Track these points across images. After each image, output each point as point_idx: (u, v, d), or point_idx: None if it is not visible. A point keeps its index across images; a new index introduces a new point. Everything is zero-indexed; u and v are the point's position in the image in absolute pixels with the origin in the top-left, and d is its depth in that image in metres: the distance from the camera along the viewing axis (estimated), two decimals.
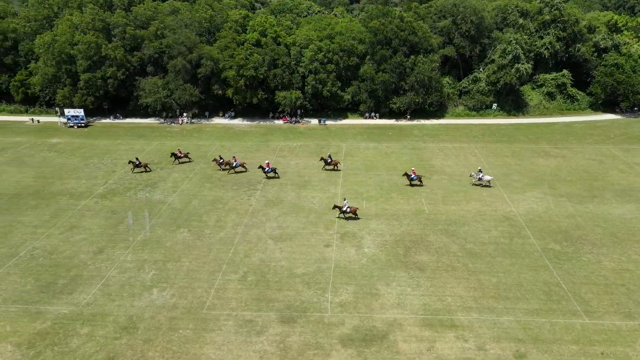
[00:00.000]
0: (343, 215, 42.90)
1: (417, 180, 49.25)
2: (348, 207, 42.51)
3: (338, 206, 42.76)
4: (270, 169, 51.35)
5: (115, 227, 41.92)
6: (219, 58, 69.26)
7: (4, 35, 75.91)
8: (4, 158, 58.30)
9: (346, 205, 42.55)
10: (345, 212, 42.43)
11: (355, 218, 42.61)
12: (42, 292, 33.33)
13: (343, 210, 42.44)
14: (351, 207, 42.57)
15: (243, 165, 53.18)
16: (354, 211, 42.35)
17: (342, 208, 42.44)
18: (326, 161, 53.42)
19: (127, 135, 66.91)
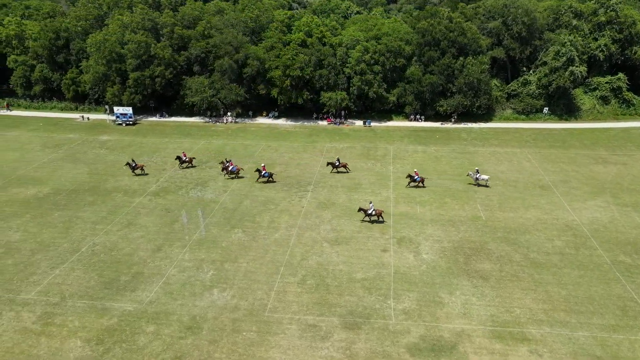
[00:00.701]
0: (368, 218, 42.47)
1: (419, 181, 48.80)
2: (373, 209, 42.14)
3: (363, 209, 42.34)
4: (267, 173, 50.54)
5: (171, 226, 42.32)
6: (264, 58, 69.42)
7: (57, 35, 77.98)
8: (59, 154, 59.88)
9: (372, 208, 42.14)
10: (371, 215, 42.03)
11: (381, 221, 42.19)
12: (106, 288, 33.82)
13: (368, 214, 42.04)
14: (377, 210, 42.25)
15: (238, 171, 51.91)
16: (379, 213, 42.04)
17: (367, 211, 42.05)
18: (334, 164, 52.81)
19: (174, 134, 67.80)
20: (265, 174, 50.47)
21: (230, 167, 51.57)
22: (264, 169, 50.62)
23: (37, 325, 30.20)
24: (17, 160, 57.56)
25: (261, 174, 50.39)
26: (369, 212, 41.90)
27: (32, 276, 35.10)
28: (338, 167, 52.56)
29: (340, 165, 52.65)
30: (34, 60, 79.75)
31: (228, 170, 51.53)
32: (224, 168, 52.25)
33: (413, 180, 48.98)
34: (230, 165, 51.67)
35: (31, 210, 45.12)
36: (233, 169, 51.58)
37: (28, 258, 37.35)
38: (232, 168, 51.57)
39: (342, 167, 52.76)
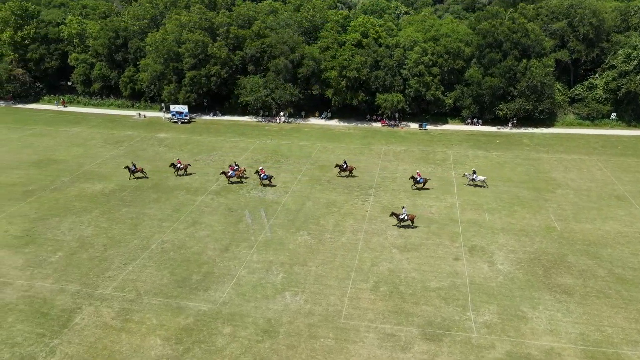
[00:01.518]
0: (400, 223, 41.64)
1: (422, 183, 48.27)
2: (406, 214, 41.32)
3: (395, 214, 41.50)
4: (265, 176, 49.48)
5: (236, 225, 42.32)
6: (320, 58, 68.98)
7: (117, 34, 79.95)
8: (120, 151, 61.21)
9: (404, 213, 41.34)
10: (403, 219, 41.26)
11: (413, 226, 41.38)
12: (179, 286, 33.99)
13: (401, 219, 41.29)
14: (409, 215, 41.42)
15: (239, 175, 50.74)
16: (412, 218, 41.29)
17: (399, 216, 41.29)
18: (341, 167, 51.63)
19: (228, 133, 68.27)
20: (264, 176, 49.48)
21: (229, 172, 50.43)
22: (262, 172, 49.57)
23: (116, 321, 30.58)
24: (82, 156, 59.17)
25: (260, 177, 49.50)
26: (402, 216, 41.30)
27: (107, 271, 35.70)
28: (345, 169, 51.66)
29: (348, 168, 51.69)
30: (94, 58, 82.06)
31: (227, 176, 50.20)
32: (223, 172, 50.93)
33: (416, 182, 48.39)
34: (230, 171, 50.57)
35: (99, 205, 46.13)
36: (232, 175, 50.37)
37: (101, 253, 38.07)
38: (230, 174, 50.39)
39: (349, 170, 51.78)
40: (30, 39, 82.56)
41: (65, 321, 30.50)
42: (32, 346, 28.41)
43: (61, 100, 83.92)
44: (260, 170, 49.98)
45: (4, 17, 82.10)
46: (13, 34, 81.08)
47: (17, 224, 42.63)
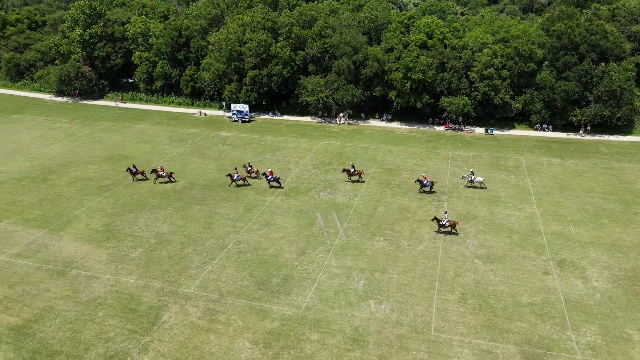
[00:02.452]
0: (441, 229, 40.54)
1: (429, 186, 47.59)
2: (448, 220, 40.03)
3: (437, 219, 40.26)
4: (272, 178, 49.00)
5: (309, 228, 41.82)
6: (384, 59, 67.79)
7: (179, 33, 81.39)
8: (185, 148, 62.05)
9: (446, 219, 40.03)
10: (444, 225, 39.98)
11: (454, 233, 40.15)
12: (260, 289, 33.72)
13: (442, 224, 40.00)
14: (451, 221, 40.17)
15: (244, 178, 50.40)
16: (453, 225, 40.09)
17: (441, 222, 40.05)
18: (349, 172, 50.30)
19: (289, 133, 68.10)
20: (271, 178, 49.06)
21: (235, 175, 49.80)
22: (270, 174, 49.14)
23: (203, 322, 30.56)
24: (150, 152, 60.32)
25: (268, 179, 49.12)
26: (443, 222, 40.13)
27: (188, 270, 35.87)
28: (353, 174, 50.47)
29: (356, 173, 50.49)
30: (156, 56, 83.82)
31: (233, 179, 49.67)
32: (248, 171, 51.15)
33: (423, 185, 47.69)
34: (236, 174, 49.94)
35: (172, 202, 46.67)
36: (237, 178, 49.74)
37: (180, 251, 38.36)
38: (236, 177, 49.76)
39: (357, 175, 50.57)
40: (97, 37, 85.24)
41: (154, 318, 30.75)
42: (125, 342, 28.72)
43: (119, 97, 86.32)
44: (269, 172, 49.69)
45: (74, 15, 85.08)
46: (82, 32, 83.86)
47: (97, 218, 43.68)
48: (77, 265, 36.44)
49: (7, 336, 29.23)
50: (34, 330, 29.69)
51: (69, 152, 60.28)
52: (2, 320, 30.59)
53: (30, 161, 57.49)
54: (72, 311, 31.39)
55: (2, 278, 34.86)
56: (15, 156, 59.10)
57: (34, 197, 47.82)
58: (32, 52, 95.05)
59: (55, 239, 40.06)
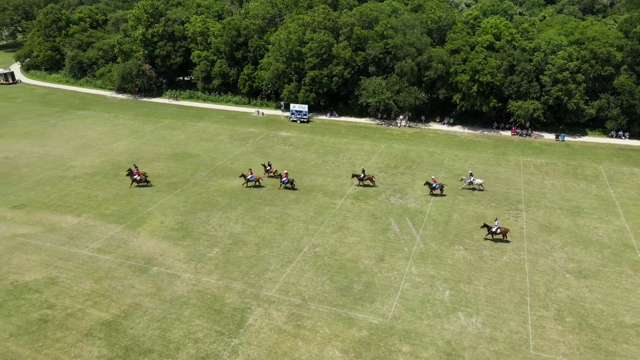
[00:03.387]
0: (491, 236, 39.41)
1: (438, 189, 47.03)
2: (499, 227, 38.40)
3: (487, 226, 38.72)
4: (287, 180, 48.67)
5: (384, 233, 40.79)
6: (449, 61, 65.95)
7: (238, 32, 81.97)
8: (247, 148, 62.17)
9: (497, 226, 38.41)
10: (495, 232, 38.43)
11: (505, 240, 38.63)
12: (342, 295, 32.96)
13: (492, 231, 38.48)
14: (502, 228, 38.56)
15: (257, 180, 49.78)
16: (504, 232, 38.48)
17: (491, 228, 38.50)
18: (359, 177, 49.01)
19: (350, 135, 67.21)
20: (286, 180, 48.83)
21: (249, 176, 49.49)
22: (285, 176, 49.09)
23: (288, 326, 30.05)
24: (213, 151, 60.74)
25: (282, 181, 49.13)
26: (494, 229, 38.58)
27: (266, 272, 35.51)
28: (364, 179, 49.32)
29: (367, 177, 49.28)
30: (214, 55, 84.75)
31: (247, 179, 49.37)
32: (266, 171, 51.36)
33: (432, 188, 46.99)
34: (250, 175, 49.60)
35: (242, 202, 46.60)
36: (251, 179, 49.40)
37: (256, 252, 38.09)
38: (250, 177, 49.44)
39: (368, 179, 49.43)
40: (158, 36, 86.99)
41: (239, 321, 30.47)
42: (214, 344, 28.52)
43: (174, 95, 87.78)
44: (285, 174, 49.28)
45: (137, 15, 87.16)
46: (144, 31, 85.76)
47: (170, 215, 44.08)
48: (157, 262, 36.73)
49: (99, 331, 29.59)
50: (124, 327, 29.94)
51: (135, 149, 61.47)
52: (92, 315, 31.05)
53: (100, 157, 58.94)
54: (158, 309, 31.53)
55: (88, 272, 35.52)
56: (86, 151, 60.75)
57: (107, 193, 48.84)
58: (94, 50, 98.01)
59: (133, 235, 40.61)
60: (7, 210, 45.18)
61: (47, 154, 59.72)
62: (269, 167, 52.17)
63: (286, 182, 49.07)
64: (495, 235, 39.36)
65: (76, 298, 32.62)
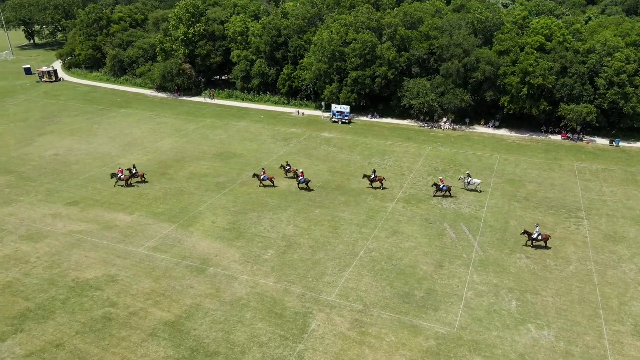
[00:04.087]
0: (531, 243, 38.49)
1: (446, 190, 46.86)
2: (539, 233, 37.39)
3: (528, 232, 37.80)
4: (303, 179, 48.64)
5: (440, 239, 39.77)
6: (498, 62, 64.26)
7: (279, 32, 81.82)
8: (291, 148, 61.80)
9: (537, 232, 37.45)
10: (536, 239, 37.44)
11: (545, 247, 37.68)
12: (404, 302, 32.17)
13: (533, 237, 37.48)
14: (543, 234, 37.56)
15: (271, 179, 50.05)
16: (545, 239, 37.49)
17: (531, 235, 37.59)
18: (370, 178, 48.80)
19: (393, 136, 66.17)
20: (302, 179, 48.77)
21: (262, 175, 49.86)
22: (301, 175, 49.14)
23: (352, 333, 29.41)
24: (257, 151, 60.59)
25: (298, 180, 49.06)
26: (534, 235, 37.57)
27: (324, 276, 34.96)
28: (374, 180, 48.72)
29: (377, 179, 48.74)
30: (254, 55, 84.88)
31: (260, 179, 49.88)
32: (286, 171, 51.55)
33: (439, 189, 46.92)
34: (263, 174, 49.95)
35: (291, 203, 46.21)
36: (264, 178, 49.75)
37: (311, 255, 37.59)
38: (263, 177, 49.76)
39: (378, 181, 48.88)
40: (199, 35, 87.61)
41: (302, 325, 29.99)
42: (279, 349, 28.09)
43: (210, 94, 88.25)
44: (300, 173, 49.29)
45: (179, 14, 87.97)
46: (186, 30, 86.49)
47: (221, 215, 44.01)
48: (213, 263, 36.60)
49: (163, 331, 29.54)
50: (187, 328, 29.81)
51: (179, 148, 61.86)
52: (154, 314, 31.06)
53: (146, 155, 59.48)
54: (218, 310, 31.32)
55: (146, 271, 35.63)
56: (132, 149, 61.45)
57: (157, 191, 49.14)
58: (134, 49, 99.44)
59: (186, 235, 40.64)
60: (61, 206, 45.93)
61: (95, 151, 60.64)
62: (288, 167, 52.15)
63: (302, 181, 49.12)
64: (536, 242, 38.45)
65: (137, 297, 32.73)
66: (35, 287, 33.69)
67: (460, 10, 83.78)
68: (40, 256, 37.54)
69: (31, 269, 35.84)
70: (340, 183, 50.80)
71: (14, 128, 70.36)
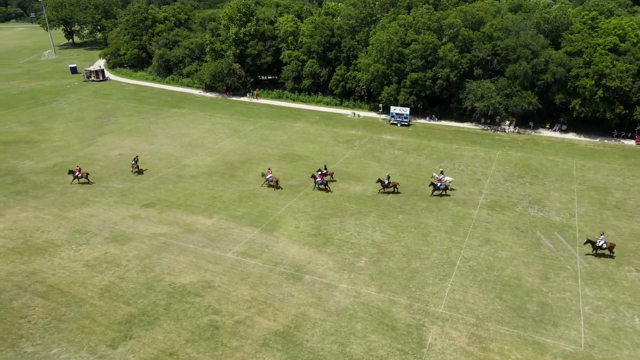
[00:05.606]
0: (595, 252, 37.22)
1: (443, 190, 47.35)
2: (604, 241, 36.12)
3: (591, 241, 37.18)
4: (321, 181, 48.61)
5: (537, 248, 38.11)
6: (570, 64, 62.07)
7: (332, 32, 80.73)
8: (355, 151, 60.57)
9: (602, 241, 36.11)
10: (600, 247, 36.25)
11: (611, 256, 36.45)
12: (519, 316, 30.68)
13: (598, 246, 36.76)
14: (608, 243, 36.45)
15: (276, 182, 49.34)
16: (611, 247, 36.37)
17: (596, 243, 36.37)
18: (383, 183, 47.70)
19: (457, 140, 64.41)
20: (319, 181, 48.53)
21: (268, 175, 49.47)
22: (320, 177, 48.89)
23: (474, 348, 28.03)
24: (321, 153, 59.50)
25: (316, 181, 48.72)
26: (599, 244, 36.30)
27: (426, 286, 33.63)
28: (388, 186, 47.53)
29: (391, 185, 47.58)
30: (305, 55, 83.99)
31: (266, 179, 49.59)
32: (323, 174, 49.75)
33: (437, 189, 47.37)
34: (269, 174, 49.56)
35: (371, 208, 44.91)
36: (270, 178, 49.25)
37: (407, 264, 36.29)
38: (269, 177, 49.34)
39: (392, 187, 47.72)
40: (250, 35, 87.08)
41: (418, 339, 28.72)
42: None
43: (254, 93, 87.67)
44: (319, 175, 49.20)
45: (230, 14, 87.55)
46: (237, 30, 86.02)
47: (302, 220, 42.96)
48: (307, 270, 35.56)
49: (275, 342, 28.58)
50: (299, 339, 28.80)
51: (242, 149, 61.12)
52: (261, 323, 30.13)
53: (210, 156, 58.91)
54: (327, 321, 30.24)
55: (241, 277, 34.76)
56: (194, 150, 60.95)
57: (231, 194, 48.39)
58: (180, 48, 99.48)
59: (272, 240, 39.70)
60: (139, 208, 45.49)
61: (158, 152, 60.29)
62: (325, 170, 51.05)
63: (320, 183, 48.66)
64: (600, 250, 37.16)
65: (239, 304, 31.86)
66: (133, 292, 33.12)
67: (517, 10, 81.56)
68: (130, 259, 37.03)
69: (125, 273, 35.32)
70: (416, 188, 49.38)
71: (73, 127, 70.61)
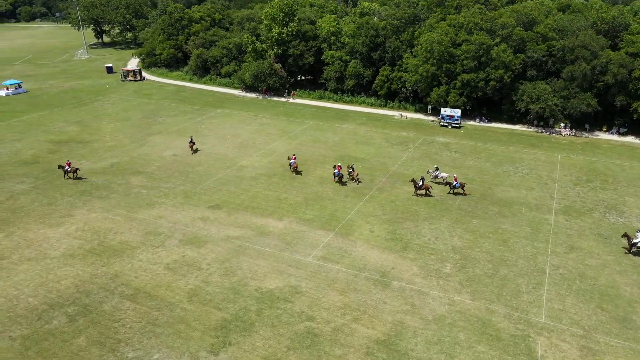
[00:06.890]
0: (629, 248, 37.10)
1: (459, 187, 47.12)
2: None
3: (628, 236, 37.38)
4: (337, 172, 50.24)
5: (627, 256, 36.68)
6: (633, 65, 60.46)
7: (377, 32, 79.83)
8: (412, 153, 59.60)
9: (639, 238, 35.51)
10: (637, 245, 36.08)
11: None
12: (626, 327, 29.34)
13: (633, 243, 36.47)
14: None
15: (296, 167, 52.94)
16: None
17: (631, 239, 36.21)
18: (416, 184, 47.32)
19: (513, 142, 63.08)
20: (337, 172, 50.16)
21: (291, 160, 53.27)
22: (338, 169, 50.40)
23: None
24: (377, 155, 58.62)
25: (335, 174, 50.34)
26: (635, 241, 36.05)
27: (521, 294, 32.60)
28: (421, 188, 46.98)
29: (423, 187, 46.95)
30: (347, 56, 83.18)
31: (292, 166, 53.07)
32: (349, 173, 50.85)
33: (453, 187, 47.36)
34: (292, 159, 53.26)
35: (442, 212, 43.93)
36: (292, 163, 53.02)
37: (495, 270, 35.25)
38: (291, 162, 53.15)
39: (425, 189, 47.04)
40: (292, 35, 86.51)
41: (527, 351, 27.70)
42: None
43: (292, 93, 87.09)
44: (338, 167, 50.66)
45: (272, 14, 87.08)
46: (280, 30, 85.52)
47: (375, 224, 42.09)
48: (393, 276, 34.71)
49: (379, 351, 27.77)
50: (403, 348, 27.97)
51: (295, 150, 60.19)
52: (359, 331, 29.34)
53: (265, 157, 58.32)
54: (427, 330, 29.39)
55: (327, 282, 34.03)
56: (247, 151, 60.43)
57: (295, 196, 47.68)
58: (218, 48, 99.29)
59: (350, 244, 38.91)
60: (206, 210, 44.98)
61: (212, 153, 59.85)
62: (351, 170, 50.92)
63: (337, 175, 50.36)
64: (635, 248, 36.62)
65: (332, 311, 31.11)
66: (221, 297, 32.53)
67: (565, 10, 79.98)
68: (210, 263, 36.49)
69: (208, 277, 34.77)
70: (484, 192, 48.32)
71: (121, 127, 70.56)
